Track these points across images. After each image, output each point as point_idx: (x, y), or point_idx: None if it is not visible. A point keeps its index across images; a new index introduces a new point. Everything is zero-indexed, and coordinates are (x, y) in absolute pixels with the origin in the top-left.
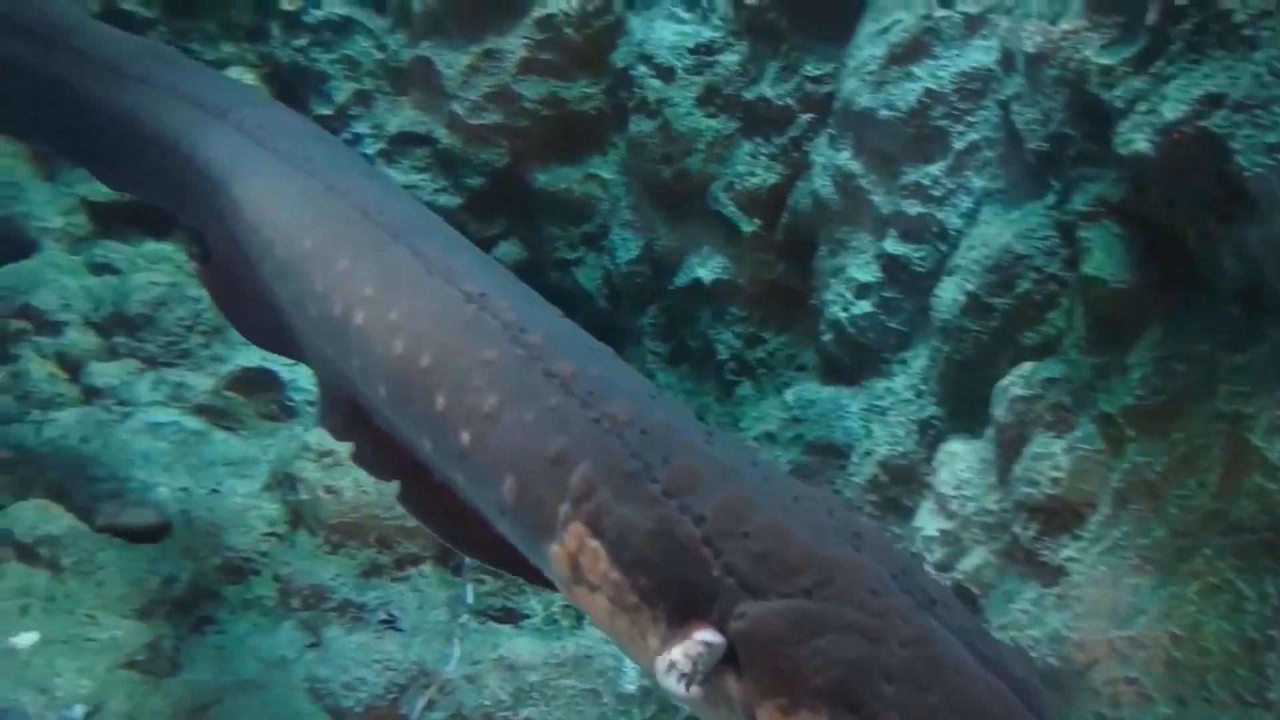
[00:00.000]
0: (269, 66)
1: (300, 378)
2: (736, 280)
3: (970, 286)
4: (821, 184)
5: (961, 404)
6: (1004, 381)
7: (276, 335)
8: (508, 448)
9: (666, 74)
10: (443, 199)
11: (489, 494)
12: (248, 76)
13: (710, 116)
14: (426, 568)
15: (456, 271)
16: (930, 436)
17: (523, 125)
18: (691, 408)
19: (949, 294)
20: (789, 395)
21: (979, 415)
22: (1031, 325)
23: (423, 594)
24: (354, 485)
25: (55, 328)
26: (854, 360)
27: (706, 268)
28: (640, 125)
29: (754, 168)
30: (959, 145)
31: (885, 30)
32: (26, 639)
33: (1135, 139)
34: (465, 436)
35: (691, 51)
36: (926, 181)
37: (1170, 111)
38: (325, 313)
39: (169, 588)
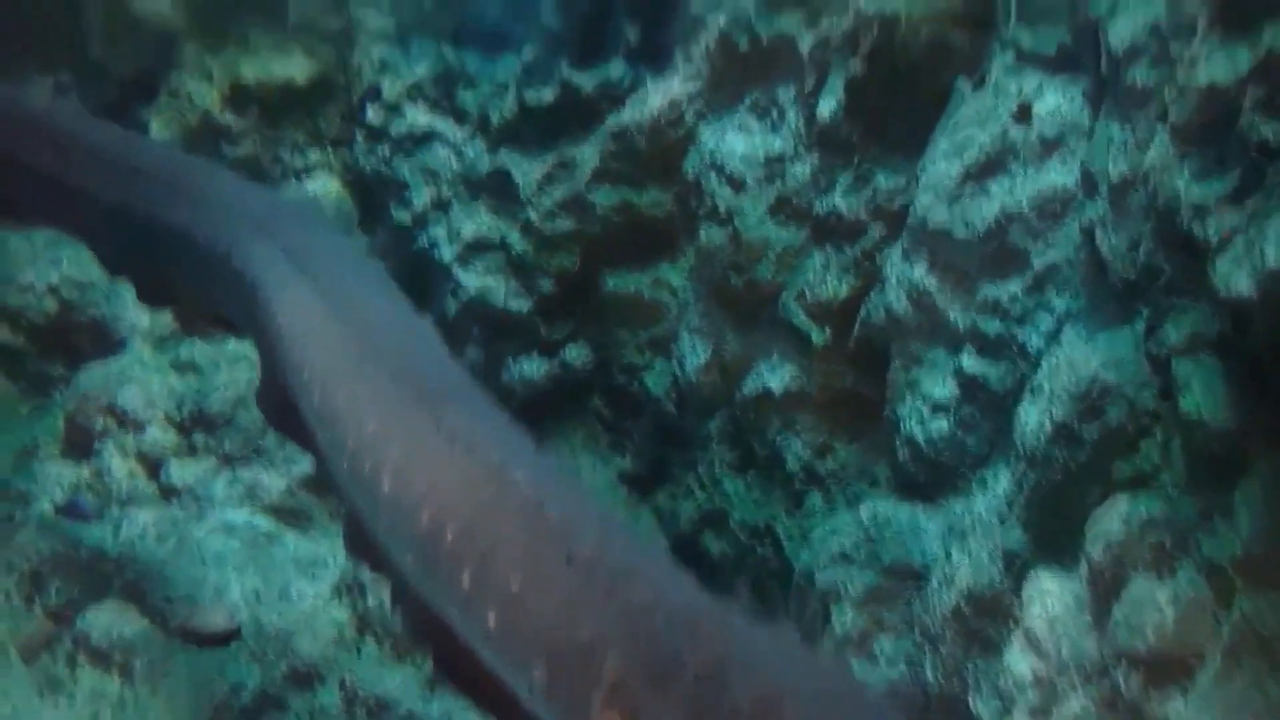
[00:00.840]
0: (352, 174)
1: None
2: (806, 390)
3: (1057, 415)
4: (895, 297)
5: (1049, 533)
6: (1098, 518)
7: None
8: (535, 634)
9: (737, 184)
10: (514, 302)
11: (518, 675)
12: (332, 184)
13: (781, 226)
14: None
15: (477, 443)
16: (1016, 566)
17: (594, 231)
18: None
19: (1034, 420)
20: (864, 513)
21: (1068, 545)
22: (1124, 456)
23: None
24: None
25: (139, 426)
26: (930, 477)
27: (776, 376)
28: (710, 233)
29: (825, 278)
30: (1038, 264)
31: (961, 147)
32: None
33: (1235, 278)
34: (491, 618)
35: (763, 162)
36: (1004, 299)
37: (1273, 253)
38: (356, 470)
39: (236, 695)
